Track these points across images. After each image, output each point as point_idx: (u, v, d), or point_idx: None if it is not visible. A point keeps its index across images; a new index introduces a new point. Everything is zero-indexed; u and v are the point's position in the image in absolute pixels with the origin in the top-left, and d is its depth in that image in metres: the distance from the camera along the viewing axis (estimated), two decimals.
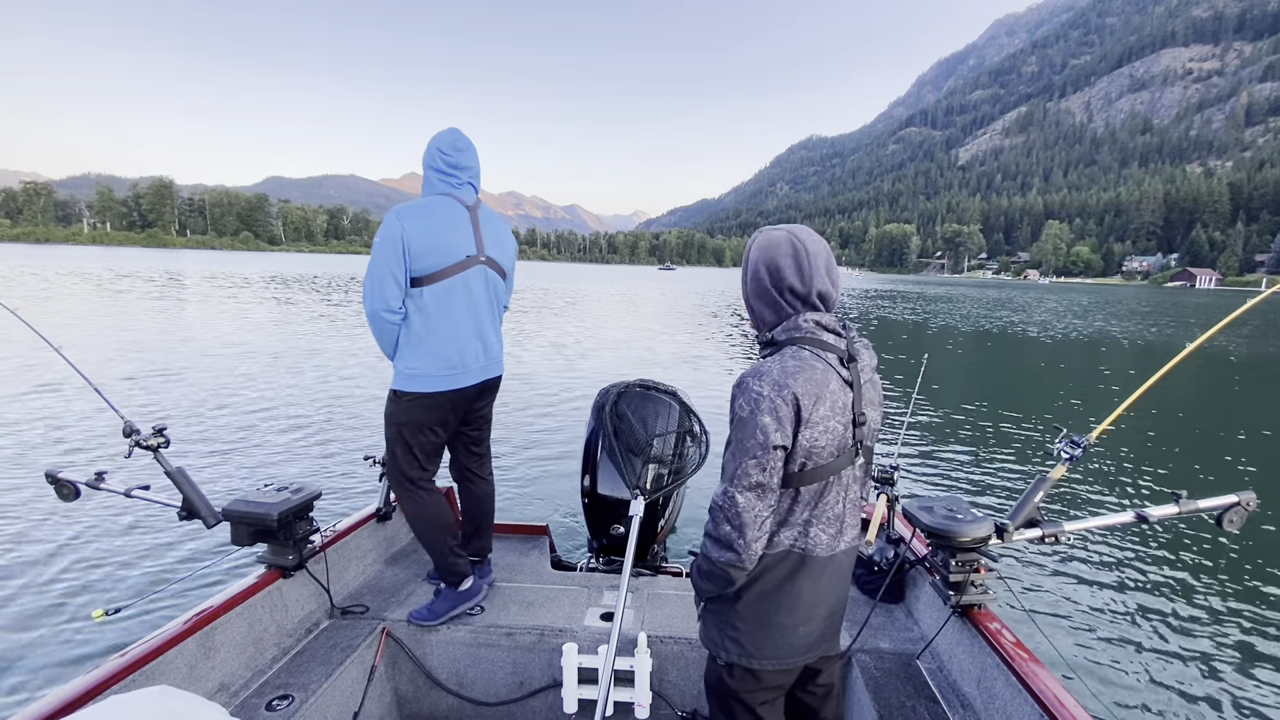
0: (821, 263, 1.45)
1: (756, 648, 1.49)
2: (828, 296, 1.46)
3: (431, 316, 2.34)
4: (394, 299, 2.28)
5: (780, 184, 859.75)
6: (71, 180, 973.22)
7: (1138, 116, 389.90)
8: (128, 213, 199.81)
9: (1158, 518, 2.05)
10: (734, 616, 1.51)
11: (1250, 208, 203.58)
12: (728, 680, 1.55)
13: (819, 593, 1.49)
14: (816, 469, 1.41)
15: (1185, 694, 3.51)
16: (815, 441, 1.38)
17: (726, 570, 1.42)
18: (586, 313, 27.38)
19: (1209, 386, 13.25)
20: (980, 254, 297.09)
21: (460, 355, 2.41)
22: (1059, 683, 1.75)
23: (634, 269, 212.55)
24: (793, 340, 1.45)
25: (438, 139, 2.44)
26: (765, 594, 1.47)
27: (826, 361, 1.42)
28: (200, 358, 12.31)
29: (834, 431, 1.40)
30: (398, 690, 2.51)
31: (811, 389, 1.36)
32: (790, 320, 1.47)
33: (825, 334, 1.46)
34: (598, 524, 3.13)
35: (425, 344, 2.35)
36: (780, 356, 1.42)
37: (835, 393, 1.40)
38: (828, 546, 1.47)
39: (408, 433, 2.40)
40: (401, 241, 2.24)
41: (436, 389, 2.37)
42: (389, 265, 2.24)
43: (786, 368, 1.38)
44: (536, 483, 6.39)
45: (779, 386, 1.35)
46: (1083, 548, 5.16)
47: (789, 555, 1.45)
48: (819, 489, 1.44)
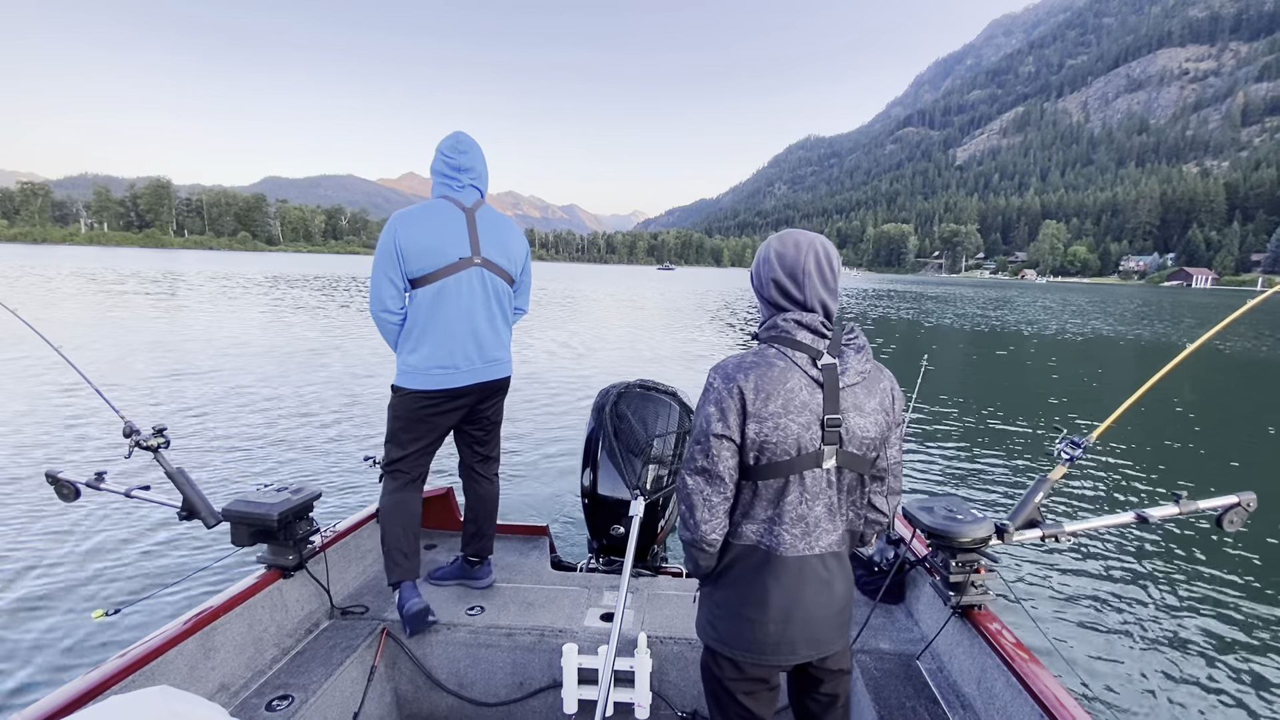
0: (815, 271, 1.47)
1: (727, 635, 1.53)
2: (825, 305, 1.49)
3: (424, 317, 2.41)
4: (391, 300, 2.39)
5: (778, 184, 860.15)
6: (68, 180, 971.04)
7: (1134, 116, 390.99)
8: (125, 213, 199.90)
9: (1158, 518, 2.05)
10: (712, 602, 1.57)
11: (1246, 207, 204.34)
12: (710, 664, 1.61)
13: (790, 593, 1.48)
14: (771, 465, 1.42)
15: (1186, 694, 3.52)
16: (766, 437, 1.40)
17: (689, 549, 1.53)
18: (586, 313, 27.38)
19: (1209, 387, 13.27)
20: (978, 254, 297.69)
21: (451, 355, 2.44)
22: (1059, 683, 1.74)
23: (632, 269, 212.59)
24: (771, 339, 1.49)
25: (443, 142, 2.50)
26: (734, 582, 1.52)
27: (791, 360, 1.43)
28: (200, 358, 12.29)
29: (787, 430, 1.40)
30: (398, 690, 2.51)
31: (764, 385, 1.40)
32: (772, 320, 1.51)
33: (802, 333, 1.46)
34: (598, 524, 3.13)
35: (419, 343, 2.42)
36: (746, 353, 1.48)
37: (794, 391, 1.40)
38: (793, 547, 1.46)
39: (400, 426, 2.50)
40: (395, 245, 2.34)
41: (427, 387, 2.43)
42: (384, 268, 2.36)
43: (743, 362, 1.44)
44: (537, 483, 6.39)
45: (727, 379, 1.42)
46: (1083, 548, 5.17)
47: (755, 550, 1.49)
48: (778, 487, 1.45)
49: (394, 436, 2.52)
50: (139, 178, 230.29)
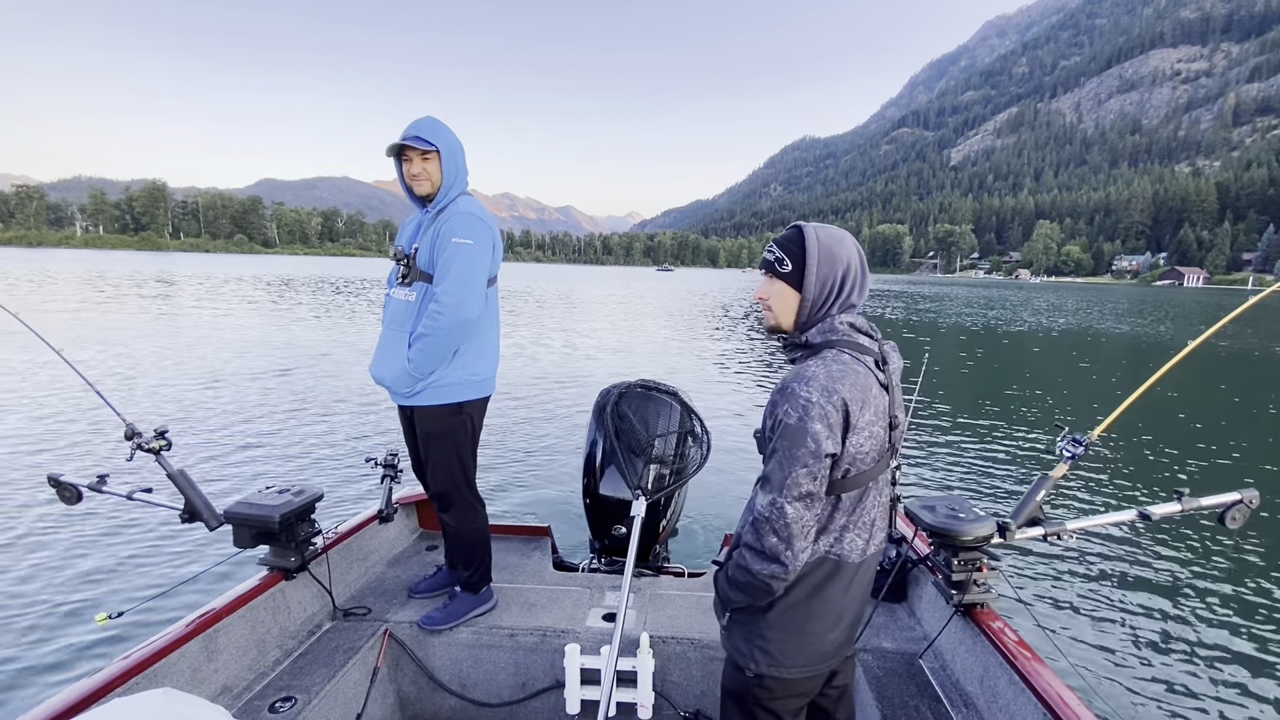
0: (860, 270, 1.45)
1: (787, 657, 1.45)
2: (858, 303, 1.47)
3: (491, 321, 2.36)
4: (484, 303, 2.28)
5: (774, 185, 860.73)
6: (62, 183, 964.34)
7: (1127, 117, 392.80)
8: (120, 215, 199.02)
9: (1160, 515, 2.06)
10: (764, 626, 1.46)
11: (1237, 207, 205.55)
12: (756, 691, 1.50)
13: (849, 598, 1.47)
14: (859, 475, 1.38)
15: (1188, 692, 3.53)
16: (860, 447, 1.35)
17: (769, 582, 1.36)
18: (586, 314, 27.35)
19: (1211, 384, 13.31)
20: (972, 254, 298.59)
21: (496, 360, 2.46)
22: (1062, 681, 1.75)
23: (630, 270, 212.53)
24: (830, 343, 1.40)
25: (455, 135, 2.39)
26: (799, 602, 1.43)
27: (866, 365, 1.39)
28: (201, 360, 12.26)
29: (876, 436, 1.37)
30: (400, 692, 2.51)
31: (858, 394, 1.33)
32: (826, 322, 1.42)
33: (860, 337, 1.43)
34: (599, 524, 3.13)
35: (489, 346, 2.36)
36: (822, 360, 1.37)
37: (876, 397, 1.38)
38: (860, 551, 1.43)
39: (471, 443, 2.40)
40: (494, 243, 2.23)
41: (491, 392, 2.41)
42: (485, 265, 2.22)
43: (832, 372, 1.33)
44: (538, 484, 6.39)
45: (828, 392, 1.30)
46: (1085, 546, 5.18)
47: (823, 562, 1.41)
48: (858, 494, 1.41)
49: (471, 461, 2.43)
50: (133, 180, 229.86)
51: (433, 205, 2.32)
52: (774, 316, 1.48)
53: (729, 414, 9.58)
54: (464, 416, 2.33)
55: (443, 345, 2.22)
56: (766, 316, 1.50)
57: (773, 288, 1.46)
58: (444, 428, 2.33)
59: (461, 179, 2.34)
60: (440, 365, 2.27)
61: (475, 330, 2.30)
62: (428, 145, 2.25)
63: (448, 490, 2.43)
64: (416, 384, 2.28)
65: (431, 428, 2.34)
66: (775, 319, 1.48)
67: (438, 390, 2.28)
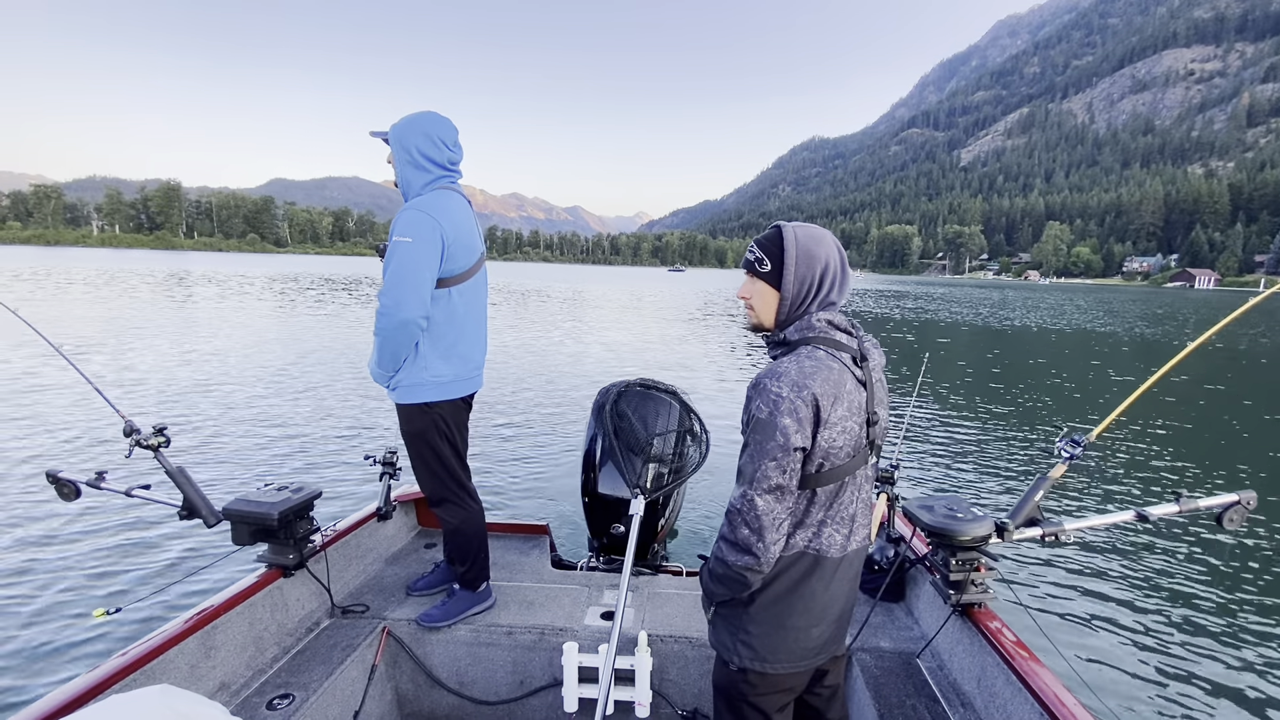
0: (840, 268, 1.46)
1: (770, 651, 1.47)
2: (838, 301, 1.48)
3: (460, 319, 2.29)
4: (428, 304, 2.17)
5: (782, 185, 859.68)
6: (78, 183, 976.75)
7: (1139, 117, 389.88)
8: (135, 215, 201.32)
9: (1158, 516, 2.04)
10: (746, 620, 1.48)
11: (1250, 208, 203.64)
12: (741, 685, 1.52)
13: (831, 594, 1.47)
14: (833, 470, 1.39)
15: (1185, 692, 3.51)
16: (833, 442, 1.36)
17: (743, 574, 1.39)
18: (592, 315, 27.37)
19: (1209, 385, 13.21)
20: (981, 255, 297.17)
21: (474, 359, 2.42)
22: (1059, 681, 1.74)
23: (639, 270, 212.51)
24: (806, 340, 1.43)
25: (431, 125, 2.24)
26: (779, 597, 1.45)
27: (841, 361, 1.41)
28: (202, 357, 12.33)
29: (851, 431, 1.39)
30: (398, 689, 2.52)
31: (829, 389, 1.35)
32: (804, 320, 1.44)
33: (838, 333, 1.45)
34: (598, 523, 3.13)
35: (456, 348, 2.29)
36: (796, 356, 1.39)
37: (851, 392, 1.39)
38: (840, 547, 1.45)
39: (446, 442, 2.37)
40: (442, 240, 2.13)
41: (464, 393, 2.38)
42: (427, 266, 2.12)
43: (804, 368, 1.35)
44: (537, 482, 6.40)
45: (798, 387, 1.33)
46: (1083, 547, 5.15)
47: (803, 557, 1.43)
48: (834, 489, 1.42)
49: (454, 456, 2.40)
50: (147, 180, 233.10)
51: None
52: (755, 315, 1.51)
53: (729, 414, 9.57)
54: (434, 416, 2.30)
55: (389, 346, 2.18)
56: (749, 315, 1.53)
57: (754, 287, 1.49)
58: (415, 427, 2.33)
59: (419, 168, 2.24)
60: (395, 365, 2.25)
61: (437, 331, 2.24)
62: (384, 136, 2.23)
63: (433, 486, 2.45)
64: (390, 382, 2.30)
65: (406, 426, 2.36)
66: (757, 317, 1.51)
67: (405, 390, 2.27)
